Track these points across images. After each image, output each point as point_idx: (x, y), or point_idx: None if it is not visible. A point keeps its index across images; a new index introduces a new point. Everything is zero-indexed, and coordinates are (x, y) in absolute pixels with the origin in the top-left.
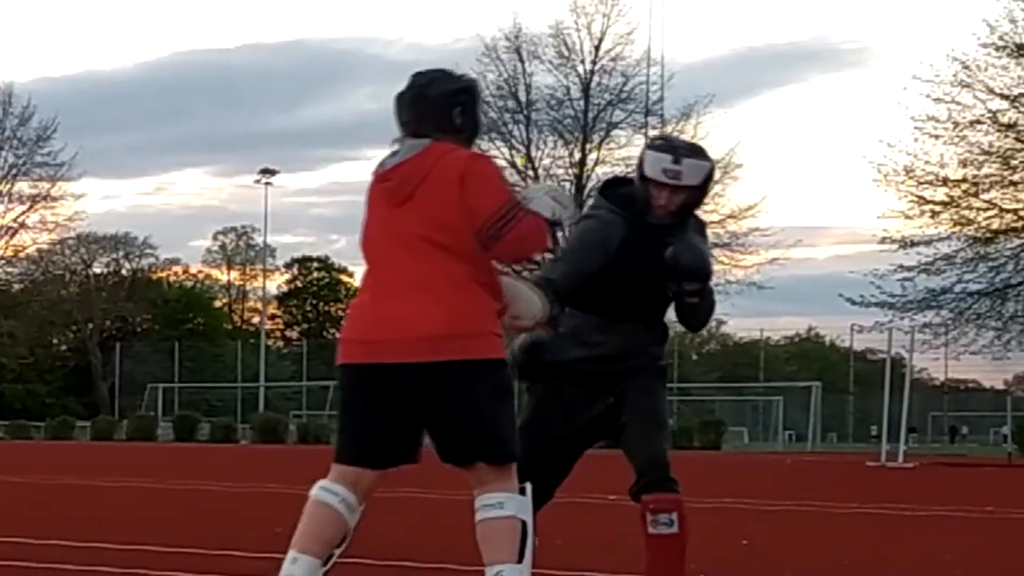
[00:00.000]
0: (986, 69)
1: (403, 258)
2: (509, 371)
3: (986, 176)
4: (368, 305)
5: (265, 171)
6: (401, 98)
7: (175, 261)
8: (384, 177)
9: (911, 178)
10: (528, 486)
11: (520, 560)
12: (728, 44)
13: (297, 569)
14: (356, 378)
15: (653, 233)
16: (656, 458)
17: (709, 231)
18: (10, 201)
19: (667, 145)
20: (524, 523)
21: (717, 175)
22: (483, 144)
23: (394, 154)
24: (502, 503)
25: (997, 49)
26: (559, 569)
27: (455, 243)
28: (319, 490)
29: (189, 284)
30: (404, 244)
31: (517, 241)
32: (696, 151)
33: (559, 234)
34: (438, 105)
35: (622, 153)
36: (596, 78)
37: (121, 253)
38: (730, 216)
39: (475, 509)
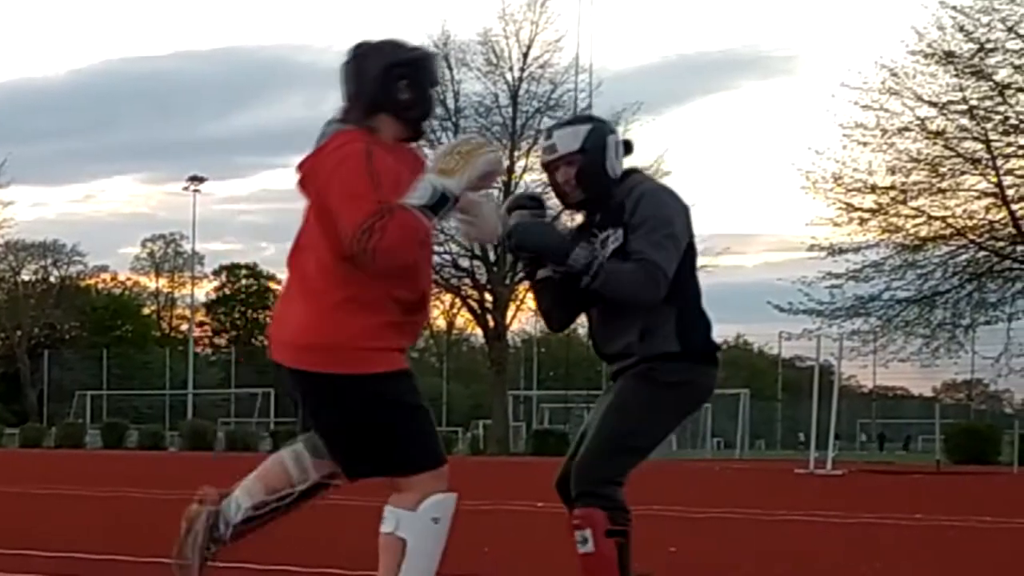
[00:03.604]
0: (914, 76)
1: (295, 257)
2: (384, 384)
3: (914, 183)
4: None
5: (193, 178)
6: (343, 69)
7: (104, 268)
8: (297, 169)
9: (839, 185)
10: (433, 499)
11: None
12: (660, 52)
13: (228, 501)
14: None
15: (585, 216)
16: (577, 469)
17: None
18: None
19: (549, 128)
20: (404, 541)
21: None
22: None
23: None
24: (385, 518)
25: (925, 56)
26: None
27: (326, 251)
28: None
29: (117, 291)
30: (298, 242)
31: (380, 262)
32: (573, 120)
33: (447, 208)
34: (376, 79)
35: None
36: (524, 85)
37: (50, 260)
38: None
39: None
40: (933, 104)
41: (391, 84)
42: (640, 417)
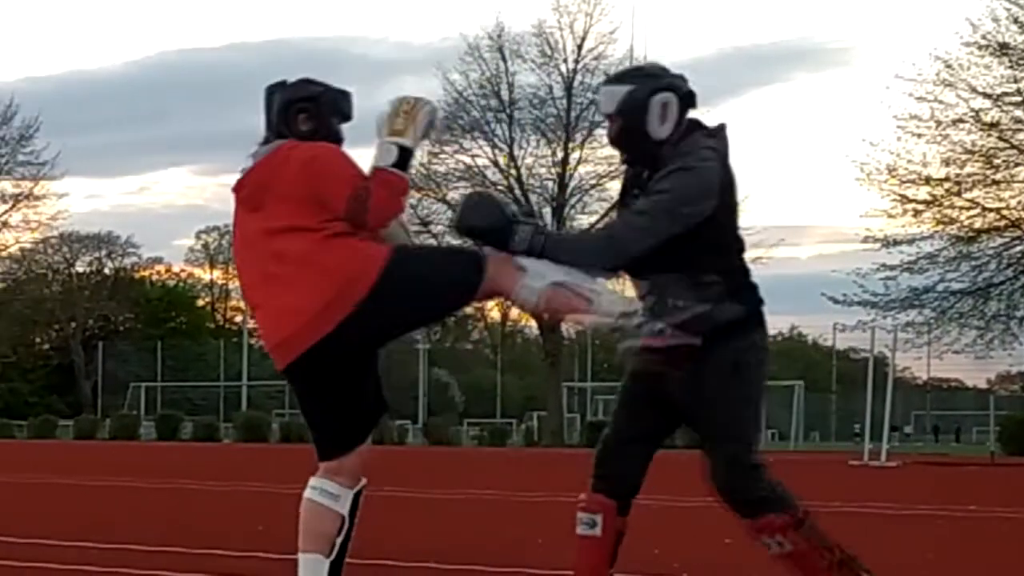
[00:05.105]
0: (969, 68)
1: (259, 265)
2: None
3: (969, 175)
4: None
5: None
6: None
7: (158, 260)
8: (238, 188)
9: (894, 177)
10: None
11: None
12: (716, 44)
13: (300, 568)
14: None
15: (635, 171)
16: (721, 489)
17: None
18: None
19: (606, 77)
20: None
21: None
22: (465, 143)
23: (248, 162)
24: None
25: (980, 48)
26: (541, 568)
27: (300, 239)
28: (306, 488)
29: (172, 283)
30: (257, 249)
31: (376, 216)
32: (622, 77)
33: (409, 163)
34: (280, 112)
35: (604, 152)
36: (579, 77)
37: (104, 252)
38: None
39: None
40: (987, 96)
41: (291, 117)
42: (747, 404)
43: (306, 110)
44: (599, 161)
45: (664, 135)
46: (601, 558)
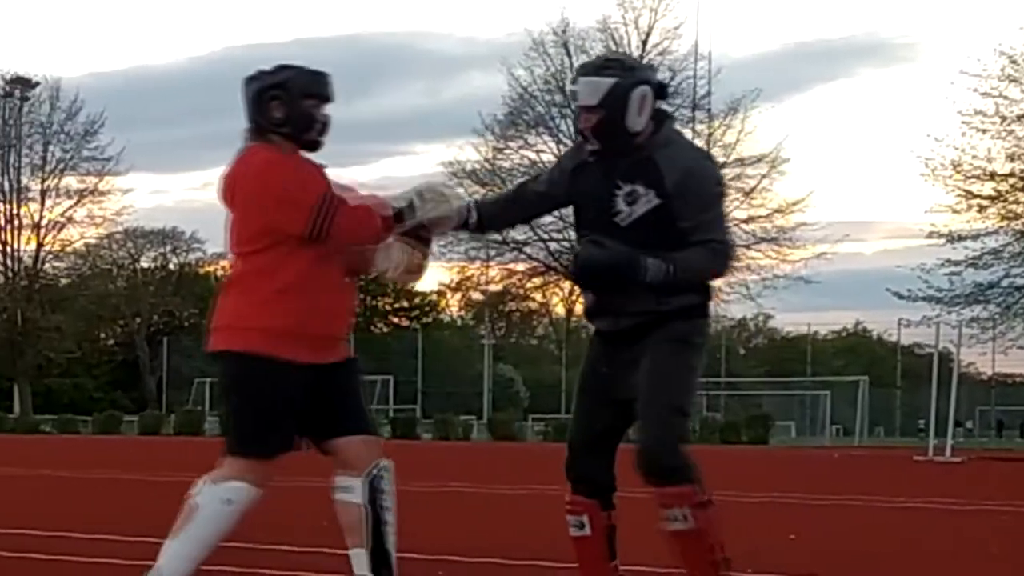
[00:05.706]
0: None
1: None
2: (253, 365)
3: None
4: None
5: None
6: None
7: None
8: (219, 193)
9: (958, 172)
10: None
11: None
12: (781, 39)
13: (352, 563)
14: None
15: (603, 159)
16: (644, 448)
17: (755, 225)
18: (57, 196)
19: (580, 66)
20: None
21: (764, 169)
22: (530, 138)
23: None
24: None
25: None
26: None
27: (255, 248)
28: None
29: None
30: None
31: (338, 234)
32: (600, 68)
33: (406, 223)
34: (253, 102)
35: None
36: None
37: (169, 247)
38: (777, 211)
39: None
40: None
41: (264, 106)
42: (690, 380)
43: (277, 97)
44: None
45: (640, 127)
46: (597, 555)
